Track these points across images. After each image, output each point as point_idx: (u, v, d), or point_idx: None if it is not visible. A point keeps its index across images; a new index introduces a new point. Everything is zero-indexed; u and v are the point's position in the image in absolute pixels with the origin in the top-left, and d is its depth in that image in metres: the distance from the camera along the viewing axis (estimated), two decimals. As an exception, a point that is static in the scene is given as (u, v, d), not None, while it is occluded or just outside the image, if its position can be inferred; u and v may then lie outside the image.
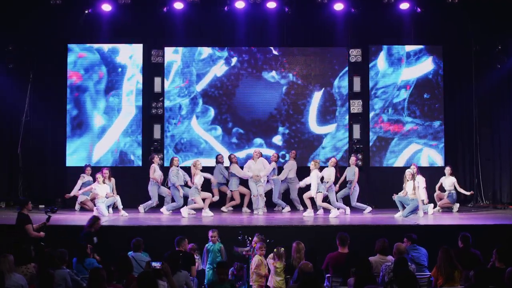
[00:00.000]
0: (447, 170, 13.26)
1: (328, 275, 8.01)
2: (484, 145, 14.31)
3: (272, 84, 14.59)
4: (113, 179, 12.96)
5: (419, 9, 13.72)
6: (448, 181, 13.10)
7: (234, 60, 14.66)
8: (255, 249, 8.58)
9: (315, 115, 14.61)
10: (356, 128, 14.30)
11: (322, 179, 12.38)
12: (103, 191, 12.32)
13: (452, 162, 14.12)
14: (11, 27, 13.72)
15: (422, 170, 13.18)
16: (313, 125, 14.63)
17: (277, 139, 14.67)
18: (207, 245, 9.10)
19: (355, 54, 14.31)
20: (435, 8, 13.83)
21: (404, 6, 13.77)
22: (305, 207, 12.56)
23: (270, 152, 13.87)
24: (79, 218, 11.54)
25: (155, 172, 12.81)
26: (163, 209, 12.43)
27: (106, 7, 13.66)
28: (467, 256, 8.10)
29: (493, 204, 14.01)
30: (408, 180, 12.01)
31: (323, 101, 14.57)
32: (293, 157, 13.47)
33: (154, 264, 7.10)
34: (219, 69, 14.64)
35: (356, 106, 14.31)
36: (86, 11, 13.63)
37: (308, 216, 12.07)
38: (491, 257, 7.59)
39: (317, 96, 14.56)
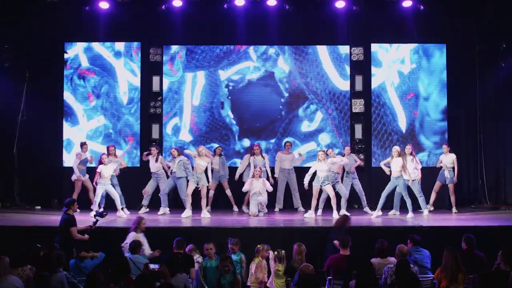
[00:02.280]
0: (445, 148, 13.12)
1: (330, 277, 7.92)
2: (488, 145, 14.16)
3: (268, 81, 14.43)
4: (119, 156, 12.97)
5: (422, 7, 13.59)
6: (449, 159, 12.93)
7: (201, 75, 14.37)
8: (256, 251, 8.47)
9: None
10: (358, 128, 14.14)
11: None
12: (109, 171, 12.13)
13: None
14: (7, 25, 13.55)
15: (424, 170, 13.09)
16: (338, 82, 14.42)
17: (305, 125, 14.37)
18: (201, 260, 8.39)
19: (357, 53, 14.17)
20: (438, 5, 13.71)
21: (407, 3, 13.62)
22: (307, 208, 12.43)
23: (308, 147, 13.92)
24: (77, 220, 11.41)
25: (149, 163, 12.80)
26: (160, 211, 12.38)
27: (104, 5, 13.53)
28: (471, 258, 8.00)
29: (497, 205, 13.85)
30: (394, 157, 11.95)
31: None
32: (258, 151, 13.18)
33: (152, 266, 7.03)
34: (194, 98, 14.36)
35: (358, 106, 14.15)
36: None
37: (309, 218, 11.93)
38: (495, 260, 7.52)
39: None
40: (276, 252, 8.25)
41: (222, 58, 14.43)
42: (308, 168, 12.36)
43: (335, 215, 11.76)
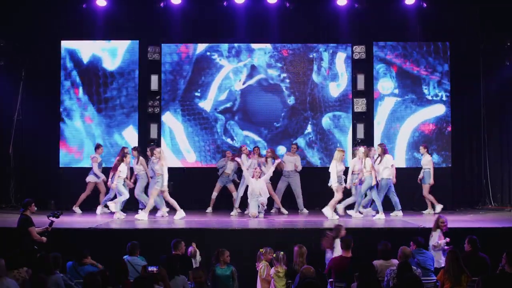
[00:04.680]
0: (422, 149, 12.96)
1: (331, 279, 7.81)
2: (493, 145, 14.08)
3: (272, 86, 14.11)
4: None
5: (425, 5, 13.49)
6: (424, 160, 12.82)
7: (176, 124, 13.90)
8: (261, 254, 8.35)
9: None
10: (360, 128, 13.97)
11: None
12: (125, 171, 12.10)
13: (459, 163, 13.94)
14: (2, 22, 13.46)
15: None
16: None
17: (333, 88, 13.75)
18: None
19: (358, 51, 13.99)
20: (442, 3, 13.64)
21: (410, 1, 13.54)
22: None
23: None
24: (73, 221, 11.32)
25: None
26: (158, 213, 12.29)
27: (101, 2, 13.45)
28: (475, 260, 7.90)
29: (501, 206, 13.76)
30: (360, 158, 11.91)
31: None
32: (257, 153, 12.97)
33: (150, 268, 6.93)
34: (186, 155, 13.94)
35: (360, 105, 13.97)
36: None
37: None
38: (500, 262, 7.39)
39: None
40: (274, 254, 8.15)
41: (183, 86, 13.98)
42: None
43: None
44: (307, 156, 13.94)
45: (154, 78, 14.02)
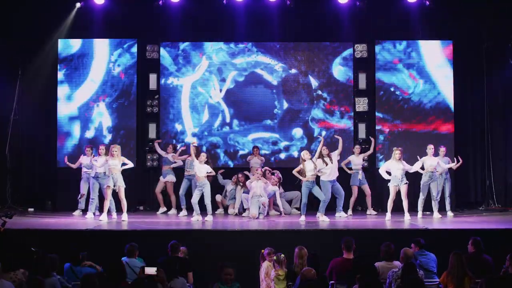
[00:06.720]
0: (357, 148, 12.79)
1: (332, 282, 7.71)
2: (496, 145, 14.01)
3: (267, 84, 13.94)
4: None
5: (427, 3, 13.43)
6: (360, 159, 12.68)
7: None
8: (264, 255, 8.25)
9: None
10: (362, 127, 13.87)
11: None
12: (204, 171, 11.60)
13: (463, 163, 13.77)
14: (-1, 21, 13.40)
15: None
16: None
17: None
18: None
19: (360, 50, 13.89)
20: (445, 1, 13.56)
21: (412, -1, 13.55)
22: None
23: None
24: (72, 222, 11.24)
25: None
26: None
27: (99, 1, 13.37)
28: (478, 262, 7.80)
29: (505, 207, 13.67)
30: (304, 161, 11.57)
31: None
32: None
33: (148, 270, 6.83)
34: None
35: (362, 104, 13.86)
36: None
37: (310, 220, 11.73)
38: (504, 263, 7.35)
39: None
40: (275, 257, 8.06)
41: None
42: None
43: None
44: (335, 125, 13.59)
45: (152, 77, 13.95)
